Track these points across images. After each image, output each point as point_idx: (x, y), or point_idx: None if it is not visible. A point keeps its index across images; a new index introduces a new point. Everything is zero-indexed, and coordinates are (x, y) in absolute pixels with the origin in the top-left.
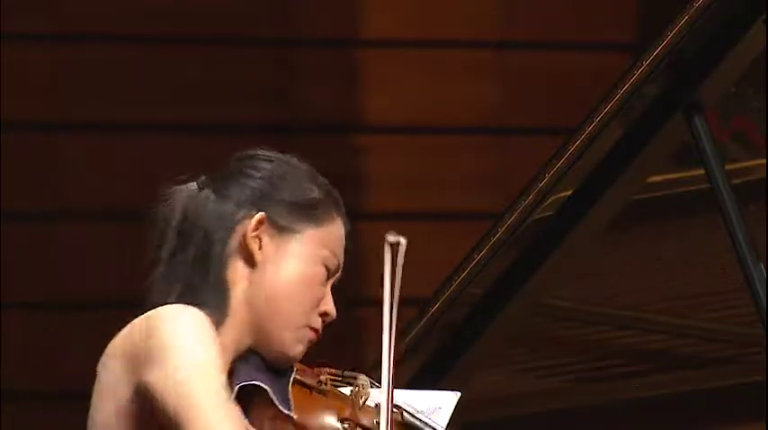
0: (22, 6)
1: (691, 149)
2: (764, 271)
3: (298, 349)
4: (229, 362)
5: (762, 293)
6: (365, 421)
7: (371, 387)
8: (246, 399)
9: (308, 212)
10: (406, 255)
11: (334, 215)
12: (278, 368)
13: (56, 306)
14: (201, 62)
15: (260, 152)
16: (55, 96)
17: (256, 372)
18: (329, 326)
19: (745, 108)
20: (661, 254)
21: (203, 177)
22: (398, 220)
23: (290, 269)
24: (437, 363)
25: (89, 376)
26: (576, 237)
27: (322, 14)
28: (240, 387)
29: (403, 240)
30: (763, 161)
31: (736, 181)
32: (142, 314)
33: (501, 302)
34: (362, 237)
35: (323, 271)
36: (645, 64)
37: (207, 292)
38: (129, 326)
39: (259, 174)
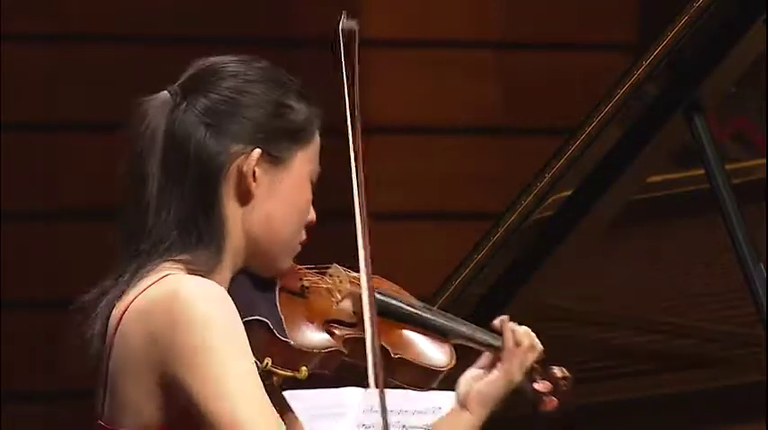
0: (22, 6)
1: (691, 149)
2: (764, 271)
3: (288, 264)
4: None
5: (762, 293)
6: (348, 317)
7: (346, 275)
8: (250, 329)
9: (298, 137)
10: (406, 255)
11: (314, 122)
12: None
13: (56, 306)
14: None
15: (235, 66)
16: (55, 96)
17: (248, 301)
18: None
19: (745, 108)
20: (661, 254)
21: (178, 89)
22: (398, 220)
23: (285, 197)
24: None
25: (89, 376)
26: (576, 237)
27: (322, 14)
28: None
29: (356, 26)
30: (763, 161)
31: (736, 181)
32: (144, 253)
33: (501, 302)
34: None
35: (310, 187)
36: (645, 64)
37: (205, 231)
38: (144, 297)
39: (243, 101)
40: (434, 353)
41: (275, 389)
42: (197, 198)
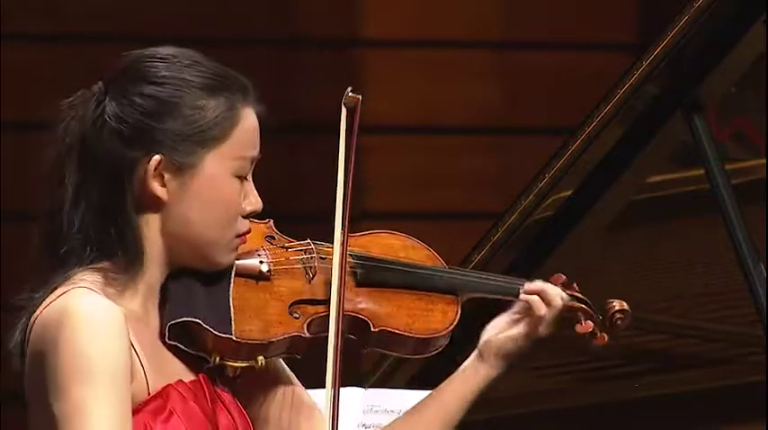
0: (22, 6)
1: (691, 149)
2: (764, 271)
3: (230, 258)
4: (160, 287)
5: (762, 293)
6: (319, 294)
7: (321, 252)
8: (185, 329)
9: (204, 138)
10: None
11: (236, 116)
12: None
13: None
14: None
15: (150, 66)
16: (55, 96)
17: (188, 298)
18: None
19: (745, 108)
20: (661, 254)
21: (101, 87)
22: (398, 220)
23: (199, 198)
24: (438, 364)
25: None
26: (576, 238)
27: (322, 14)
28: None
29: (360, 98)
30: (763, 161)
31: (736, 181)
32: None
33: (501, 302)
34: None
35: (236, 183)
36: (645, 64)
37: (118, 238)
38: (46, 312)
39: (148, 105)
40: (427, 318)
41: (233, 380)
42: (106, 204)
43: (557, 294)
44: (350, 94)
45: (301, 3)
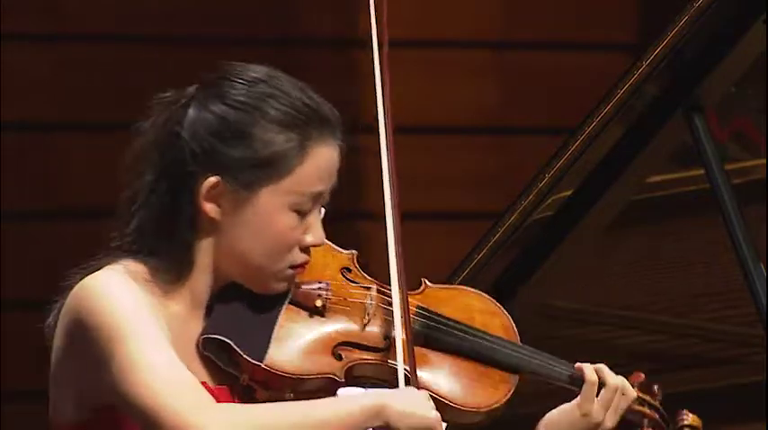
0: (22, 6)
1: (691, 149)
2: (764, 271)
3: (280, 286)
4: (209, 295)
5: (762, 293)
6: (370, 341)
7: (380, 295)
8: (219, 345)
9: (265, 171)
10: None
11: (304, 153)
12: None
13: None
14: (201, 62)
15: (232, 86)
16: (55, 96)
17: (233, 316)
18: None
19: (745, 108)
20: (661, 254)
21: (191, 93)
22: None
23: (250, 227)
24: None
25: None
26: (576, 237)
27: (322, 14)
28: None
29: None
30: (763, 161)
31: (736, 181)
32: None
33: (501, 302)
34: (363, 237)
35: (293, 217)
36: (645, 64)
37: (168, 247)
38: (79, 284)
39: (218, 125)
40: (475, 390)
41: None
42: (166, 208)
43: (626, 385)
44: None
45: (301, 3)
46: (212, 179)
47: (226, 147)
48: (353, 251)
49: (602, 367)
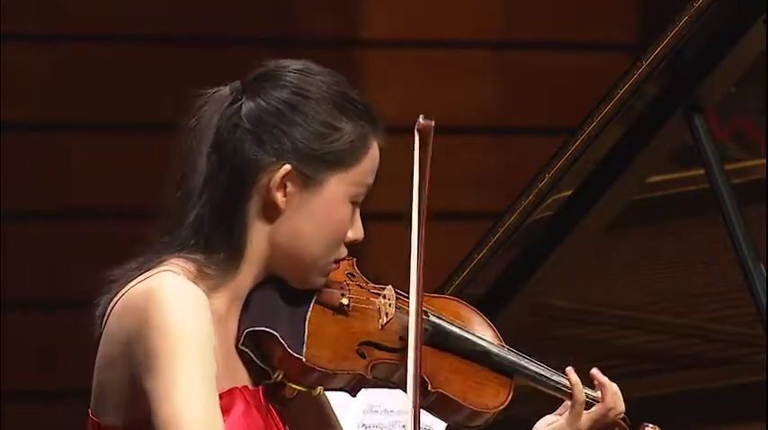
0: (22, 6)
1: (691, 149)
2: (764, 271)
3: (321, 280)
4: (246, 293)
5: (762, 293)
6: (388, 341)
7: (397, 299)
8: (260, 339)
9: (336, 159)
10: (406, 254)
11: (367, 144)
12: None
13: (56, 306)
14: (201, 62)
15: (295, 76)
16: (55, 96)
17: (270, 310)
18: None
19: (745, 108)
20: (661, 254)
21: (239, 87)
22: (398, 220)
23: (315, 216)
24: None
25: (88, 376)
26: (576, 237)
27: (322, 14)
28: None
29: (432, 124)
30: (763, 161)
31: (736, 181)
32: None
33: (501, 302)
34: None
35: (350, 208)
36: (645, 64)
37: (224, 235)
38: (132, 291)
39: (287, 112)
40: (482, 392)
41: (286, 401)
42: (226, 200)
43: (618, 398)
44: (422, 120)
45: (301, 3)
46: (287, 167)
47: (298, 133)
48: (353, 257)
49: (602, 379)
